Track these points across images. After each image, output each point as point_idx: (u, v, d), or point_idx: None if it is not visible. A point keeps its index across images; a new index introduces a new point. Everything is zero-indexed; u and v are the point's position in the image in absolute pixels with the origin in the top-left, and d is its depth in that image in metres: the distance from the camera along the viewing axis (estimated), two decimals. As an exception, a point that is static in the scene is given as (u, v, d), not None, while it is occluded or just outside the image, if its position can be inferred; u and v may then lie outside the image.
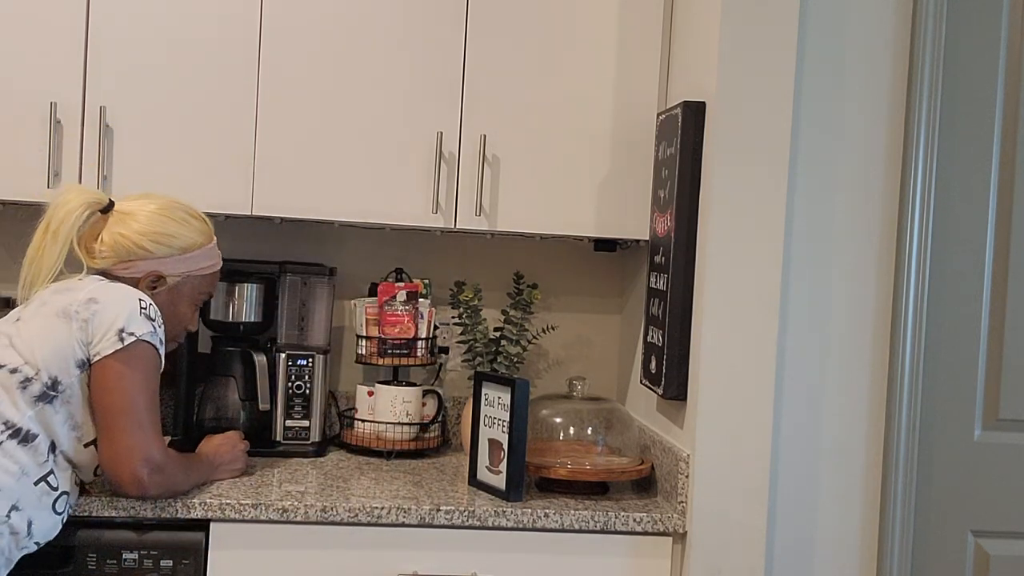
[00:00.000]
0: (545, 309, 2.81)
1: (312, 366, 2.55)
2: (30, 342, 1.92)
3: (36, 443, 1.88)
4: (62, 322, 1.93)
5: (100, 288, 1.98)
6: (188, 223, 2.14)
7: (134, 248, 2.07)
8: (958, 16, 2.21)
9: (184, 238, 2.12)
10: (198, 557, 2.05)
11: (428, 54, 2.40)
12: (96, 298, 1.96)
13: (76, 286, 1.99)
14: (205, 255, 2.16)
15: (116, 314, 1.95)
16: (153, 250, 2.08)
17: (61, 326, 1.93)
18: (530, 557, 2.14)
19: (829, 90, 2.21)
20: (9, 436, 1.86)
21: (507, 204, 2.43)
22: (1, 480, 1.83)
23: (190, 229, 2.13)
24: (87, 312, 1.93)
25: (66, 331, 1.92)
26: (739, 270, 2.12)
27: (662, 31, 2.45)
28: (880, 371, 2.24)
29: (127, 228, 2.08)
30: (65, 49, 2.30)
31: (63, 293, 1.97)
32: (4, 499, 1.83)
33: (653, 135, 2.45)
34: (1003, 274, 2.25)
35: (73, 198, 2.05)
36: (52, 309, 1.95)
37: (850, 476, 2.24)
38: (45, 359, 1.91)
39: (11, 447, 1.85)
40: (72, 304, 1.94)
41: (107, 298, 1.96)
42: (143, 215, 2.09)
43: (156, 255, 2.08)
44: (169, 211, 2.12)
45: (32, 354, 1.91)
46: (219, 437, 2.30)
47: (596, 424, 2.38)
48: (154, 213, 2.10)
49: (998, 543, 2.27)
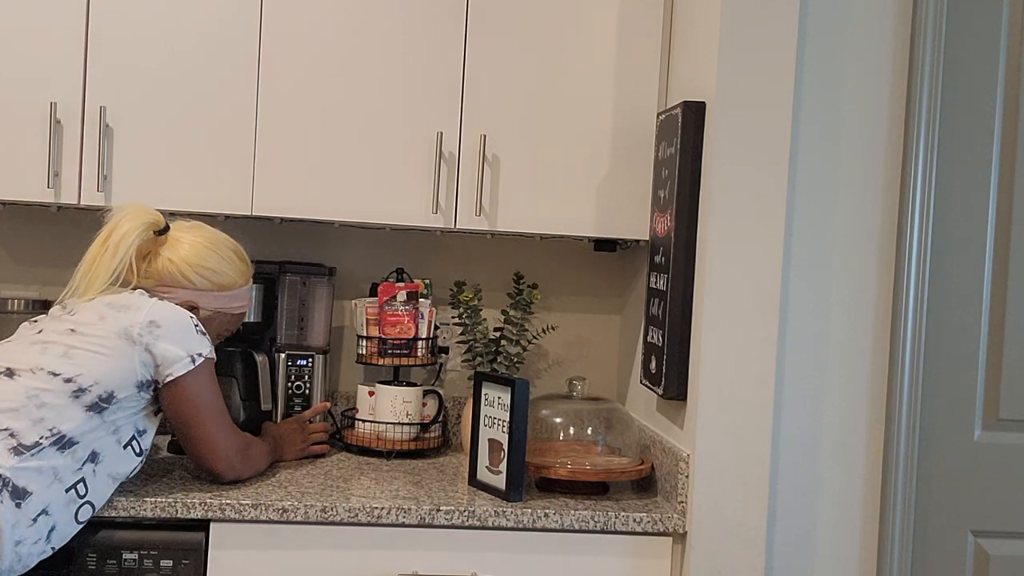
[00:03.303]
0: (545, 309, 2.81)
1: (312, 366, 2.56)
2: (89, 357, 1.96)
3: (74, 449, 1.90)
4: (125, 344, 1.98)
5: (158, 310, 2.03)
6: (232, 263, 2.21)
7: (178, 276, 2.14)
8: (958, 16, 2.21)
9: (225, 276, 2.19)
10: (198, 557, 2.05)
11: (428, 54, 2.40)
12: (157, 321, 2.01)
13: (132, 303, 2.04)
14: (239, 296, 2.24)
15: (180, 338, 2.03)
16: (195, 281, 2.15)
17: (124, 348, 1.98)
18: (530, 557, 2.14)
19: (829, 90, 2.21)
20: (52, 443, 1.87)
21: (507, 204, 2.43)
22: (33, 483, 1.84)
23: (232, 268, 2.20)
24: (150, 336, 2.00)
25: (129, 353, 1.98)
26: (739, 270, 2.12)
27: (662, 31, 2.45)
28: (880, 371, 2.24)
29: (175, 255, 2.15)
30: (65, 49, 2.30)
31: (122, 312, 2.02)
32: (35, 503, 1.84)
33: (653, 135, 2.45)
34: (1003, 274, 2.25)
35: (135, 216, 2.11)
36: (112, 328, 1.99)
37: (850, 476, 2.24)
38: (105, 375, 1.95)
39: (50, 452, 1.87)
40: (134, 326, 2.00)
41: (167, 322, 2.03)
42: (193, 245, 2.16)
43: (196, 287, 2.16)
44: (217, 247, 2.19)
45: (91, 369, 1.95)
46: (287, 421, 2.48)
47: (596, 424, 2.38)
48: (203, 246, 2.17)
49: (998, 543, 2.27)
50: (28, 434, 1.85)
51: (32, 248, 2.66)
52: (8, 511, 1.79)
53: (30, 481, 1.83)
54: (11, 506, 1.79)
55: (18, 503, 1.80)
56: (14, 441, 1.84)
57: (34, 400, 1.88)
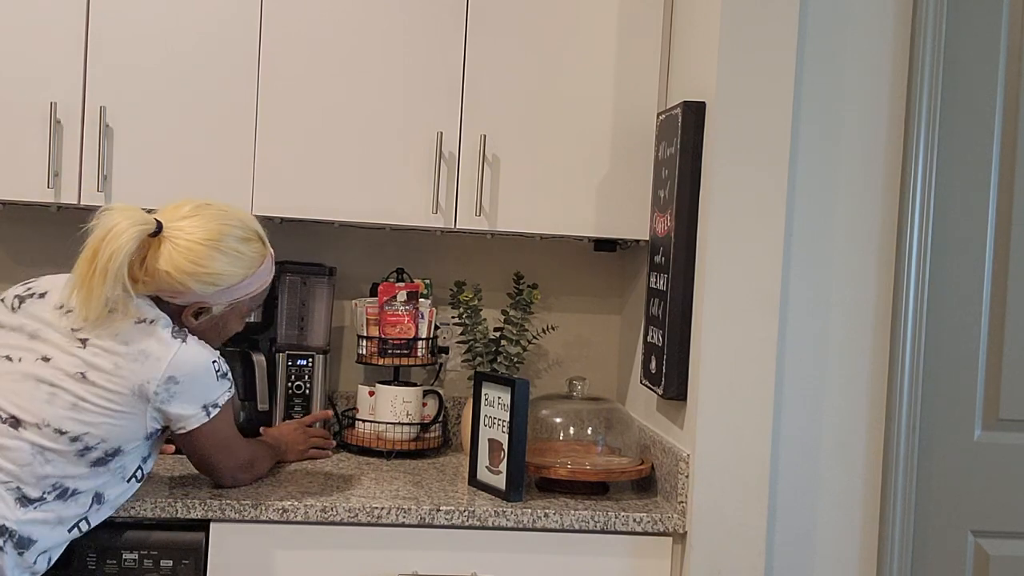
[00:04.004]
0: (545, 309, 2.81)
1: (312, 366, 2.56)
2: (99, 415, 1.84)
3: (77, 497, 1.87)
4: (138, 402, 1.86)
5: (179, 362, 1.88)
6: (238, 256, 1.95)
7: (178, 287, 1.92)
8: (958, 16, 2.21)
9: (231, 275, 1.95)
10: (198, 557, 2.05)
11: (428, 54, 2.40)
12: (176, 377, 1.87)
13: (152, 350, 1.87)
14: (256, 279, 2.01)
15: (197, 393, 1.91)
16: (197, 290, 1.93)
17: (137, 405, 1.86)
18: (530, 557, 2.14)
19: (829, 90, 2.21)
20: (56, 496, 1.84)
21: (507, 204, 2.43)
22: (38, 532, 1.82)
23: (240, 263, 1.96)
24: (166, 394, 1.87)
25: (141, 410, 1.87)
26: (739, 270, 2.12)
27: (662, 31, 2.45)
28: (880, 371, 2.24)
29: (172, 264, 1.90)
30: (65, 49, 2.30)
31: (139, 361, 1.86)
32: (38, 548, 1.83)
33: (653, 135, 2.45)
34: (1003, 274, 2.25)
35: (122, 227, 1.85)
36: (127, 383, 1.85)
37: (850, 476, 2.24)
38: (113, 435, 1.86)
39: (54, 504, 1.84)
40: (151, 383, 1.86)
41: (186, 376, 1.89)
42: (190, 248, 1.91)
43: (199, 294, 1.94)
44: (218, 241, 1.93)
45: (99, 428, 1.84)
46: (288, 423, 2.48)
47: (596, 424, 2.38)
48: (201, 247, 1.91)
49: (998, 543, 2.27)
50: (33, 489, 1.82)
51: (32, 248, 2.65)
52: (11, 560, 1.79)
53: (34, 530, 1.82)
54: (14, 555, 1.80)
55: (21, 552, 1.81)
56: (19, 493, 1.81)
57: (38, 458, 1.82)
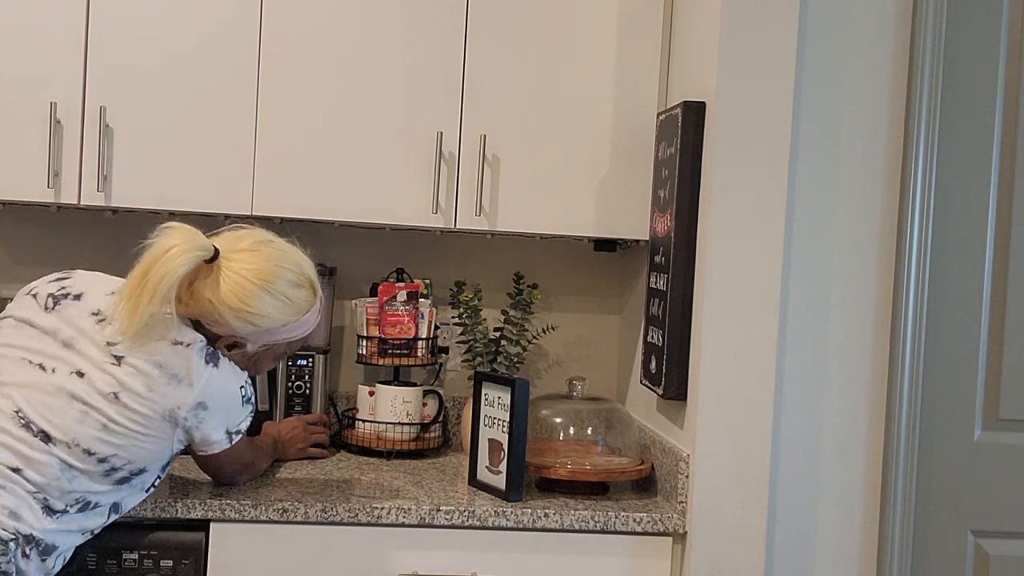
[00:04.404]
0: (545, 309, 2.81)
1: (312, 366, 2.56)
2: (128, 438, 1.83)
3: (99, 509, 1.88)
4: (167, 425, 1.85)
5: (209, 388, 1.86)
6: (284, 302, 1.91)
7: (218, 317, 1.88)
8: (958, 16, 2.21)
9: (272, 320, 1.91)
10: (198, 557, 2.05)
11: (428, 54, 2.40)
12: (205, 403, 1.87)
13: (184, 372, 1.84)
14: (299, 326, 1.97)
15: (224, 419, 1.92)
16: (236, 326, 1.89)
17: (166, 429, 1.86)
18: (530, 557, 2.14)
19: (829, 90, 2.21)
20: (78, 509, 1.85)
21: (507, 204, 2.43)
22: (60, 540, 1.84)
23: (284, 309, 1.92)
24: (194, 420, 1.87)
25: (169, 435, 1.87)
26: (739, 270, 2.12)
27: (662, 31, 2.45)
28: (880, 371, 2.24)
29: (216, 295, 1.86)
30: (65, 49, 2.30)
31: (172, 385, 1.84)
32: (58, 552, 1.85)
33: (653, 135, 2.45)
34: (1003, 274, 2.25)
35: (180, 249, 1.82)
36: (159, 407, 1.83)
37: (850, 476, 2.24)
38: (138, 456, 1.86)
39: (77, 516, 1.86)
40: (181, 408, 1.85)
41: (215, 402, 1.88)
42: (238, 283, 1.87)
43: (237, 330, 1.90)
44: (270, 282, 1.89)
45: (126, 449, 1.84)
46: (289, 420, 2.47)
47: (596, 424, 2.38)
48: (250, 284, 1.87)
49: (998, 543, 2.27)
50: (57, 502, 1.83)
51: (32, 248, 2.65)
52: (34, 564, 1.81)
53: (57, 538, 1.84)
54: (38, 562, 1.81)
55: (44, 559, 1.82)
56: (45, 503, 1.82)
57: (66, 474, 1.81)
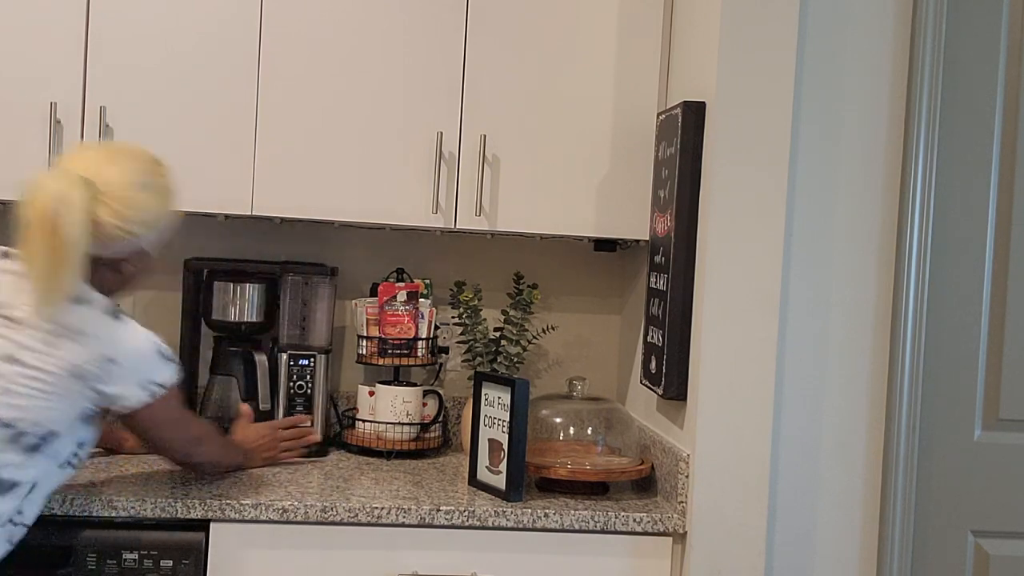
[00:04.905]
0: (545, 309, 2.81)
1: (314, 366, 2.56)
2: (31, 398, 1.78)
3: (15, 490, 1.80)
4: (74, 382, 1.80)
5: (118, 343, 1.84)
6: (167, 193, 1.95)
7: (118, 234, 1.87)
8: (958, 16, 2.21)
9: (165, 212, 1.95)
10: (198, 557, 2.05)
11: (428, 54, 2.40)
12: (115, 359, 1.83)
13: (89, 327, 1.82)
14: (175, 214, 2.00)
15: (139, 375, 1.87)
16: (140, 233, 1.90)
17: (72, 386, 1.81)
18: (530, 557, 2.14)
19: (829, 90, 2.20)
20: None
21: (507, 204, 2.43)
22: None
23: (170, 199, 1.96)
24: (104, 374, 1.83)
25: (77, 391, 1.81)
26: (739, 270, 2.12)
27: (662, 31, 2.45)
28: (880, 371, 2.24)
29: (110, 212, 1.85)
30: (65, 49, 2.30)
31: (77, 340, 1.80)
32: None
33: (653, 135, 2.44)
34: (1003, 274, 2.25)
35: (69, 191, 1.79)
36: (62, 363, 1.79)
37: (850, 476, 2.24)
38: (47, 418, 1.80)
39: None
40: (88, 363, 1.81)
41: (126, 358, 1.85)
42: (123, 192, 1.86)
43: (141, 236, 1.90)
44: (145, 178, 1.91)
45: (31, 412, 1.78)
46: (256, 425, 2.38)
47: (596, 424, 2.38)
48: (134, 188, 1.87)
49: (998, 543, 2.27)
50: None
51: (32, 248, 2.65)
52: None
53: None
54: None
55: None
56: None
57: None
